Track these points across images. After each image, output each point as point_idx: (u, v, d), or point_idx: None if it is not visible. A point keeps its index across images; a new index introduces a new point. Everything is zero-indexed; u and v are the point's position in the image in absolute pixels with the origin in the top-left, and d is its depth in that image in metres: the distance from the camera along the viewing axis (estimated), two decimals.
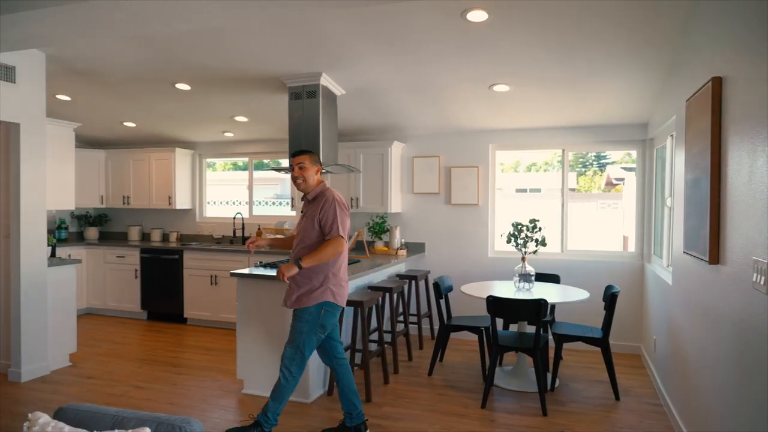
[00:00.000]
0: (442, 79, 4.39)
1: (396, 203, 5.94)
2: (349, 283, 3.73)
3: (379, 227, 5.96)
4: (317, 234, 3.19)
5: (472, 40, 3.59)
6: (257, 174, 7.15)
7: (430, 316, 5.80)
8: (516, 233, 4.55)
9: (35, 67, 4.31)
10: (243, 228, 6.89)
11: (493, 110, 5.10)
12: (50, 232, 6.54)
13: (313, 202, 3.27)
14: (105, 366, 4.79)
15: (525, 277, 4.44)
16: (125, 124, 6.40)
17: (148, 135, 6.93)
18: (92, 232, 7.29)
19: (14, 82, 4.15)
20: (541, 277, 4.92)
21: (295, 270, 3.10)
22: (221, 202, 7.39)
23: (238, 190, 7.28)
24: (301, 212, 3.36)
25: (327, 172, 4.80)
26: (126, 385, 4.28)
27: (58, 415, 1.74)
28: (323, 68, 4.28)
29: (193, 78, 4.63)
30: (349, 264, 4.74)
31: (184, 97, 5.19)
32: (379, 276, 5.10)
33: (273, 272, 4.11)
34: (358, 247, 6.00)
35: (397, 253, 5.71)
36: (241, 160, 7.35)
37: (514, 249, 4.72)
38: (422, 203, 6.04)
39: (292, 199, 6.34)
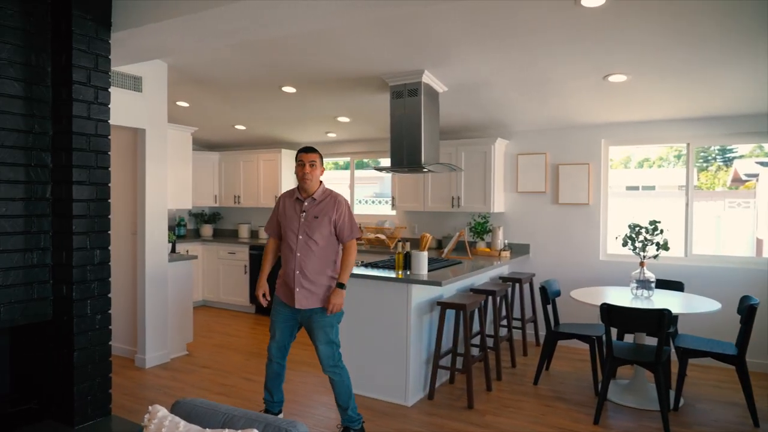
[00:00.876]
0: (551, 72, 4.14)
1: (499, 202, 5.73)
2: (447, 285, 4.00)
3: (482, 227, 5.79)
4: (333, 235, 3.26)
5: (585, 27, 3.33)
6: (358, 173, 7.24)
7: (535, 321, 5.53)
8: (633, 236, 4.18)
9: (159, 77, 4.64)
10: None
11: (607, 103, 4.73)
12: (170, 229, 7.09)
13: (321, 203, 3.27)
14: (217, 356, 5.07)
15: (644, 283, 4.07)
16: (236, 127, 6.76)
17: (256, 137, 7.27)
18: (207, 230, 7.79)
19: (141, 92, 4.49)
20: (662, 284, 4.49)
21: (344, 293, 3.21)
22: None
23: (339, 189, 7.37)
24: (302, 212, 3.25)
25: (429, 171, 4.71)
26: (236, 377, 4.49)
27: (175, 409, 1.82)
28: (425, 66, 4.20)
29: (299, 81, 4.76)
30: (449, 266, 4.65)
31: (290, 100, 5.36)
32: (481, 278, 4.94)
33: (374, 272, 4.12)
34: (459, 248, 5.86)
35: (500, 254, 5.51)
36: (342, 160, 7.49)
37: (628, 252, 4.35)
38: (527, 202, 5.77)
39: (393, 198, 6.33)
